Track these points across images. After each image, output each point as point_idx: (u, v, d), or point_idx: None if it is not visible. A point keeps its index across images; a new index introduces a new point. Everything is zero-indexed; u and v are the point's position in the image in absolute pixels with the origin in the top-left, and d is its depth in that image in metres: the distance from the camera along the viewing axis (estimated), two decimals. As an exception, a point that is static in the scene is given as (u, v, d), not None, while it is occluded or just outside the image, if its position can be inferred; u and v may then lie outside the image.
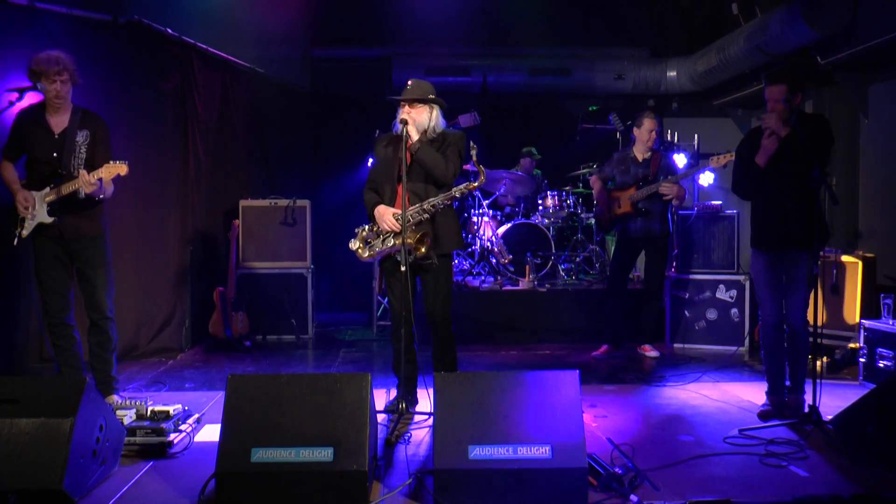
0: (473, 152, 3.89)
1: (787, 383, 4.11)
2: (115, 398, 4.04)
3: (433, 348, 4.12)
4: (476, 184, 3.97)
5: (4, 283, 4.83)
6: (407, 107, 3.93)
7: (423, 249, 3.81)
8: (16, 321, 4.93)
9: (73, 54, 4.02)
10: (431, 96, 3.96)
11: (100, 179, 3.84)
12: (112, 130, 4.15)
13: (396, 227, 3.85)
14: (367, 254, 4.04)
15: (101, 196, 3.97)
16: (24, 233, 3.94)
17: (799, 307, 4.01)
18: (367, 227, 4.08)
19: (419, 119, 3.93)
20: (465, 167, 4.14)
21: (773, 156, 3.93)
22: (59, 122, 3.99)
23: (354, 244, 4.09)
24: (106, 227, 4.16)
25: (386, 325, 6.97)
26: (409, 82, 4.00)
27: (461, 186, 3.95)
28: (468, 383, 3.02)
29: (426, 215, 3.89)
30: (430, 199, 3.90)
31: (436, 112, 4.00)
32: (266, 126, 7.50)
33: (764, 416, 4.02)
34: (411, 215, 3.87)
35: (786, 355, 4.10)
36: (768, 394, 4.15)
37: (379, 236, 3.99)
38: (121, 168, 3.83)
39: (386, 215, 3.91)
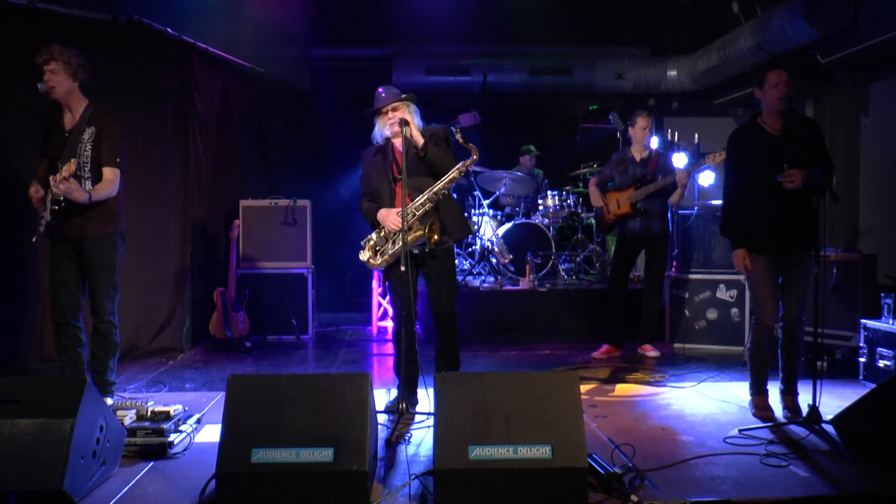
0: (458, 136, 3.91)
1: (781, 386, 4.10)
2: (107, 401, 4.00)
3: (437, 345, 4.13)
4: (471, 161, 3.97)
5: (7, 283, 4.84)
6: (391, 112, 3.95)
7: (436, 237, 3.84)
8: (17, 321, 4.94)
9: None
10: (404, 95, 4.02)
11: (63, 179, 3.72)
12: None
13: (399, 225, 3.87)
14: (379, 261, 4.03)
15: (86, 199, 3.85)
16: (41, 229, 3.92)
17: (798, 307, 4.00)
18: (373, 235, 4.08)
19: (407, 114, 3.96)
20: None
21: (772, 156, 3.91)
22: (70, 119, 3.97)
23: (364, 255, 4.08)
24: (117, 229, 4.08)
25: (386, 325, 6.97)
26: (380, 89, 4.04)
27: (458, 166, 3.93)
28: (468, 383, 3.02)
29: (430, 205, 3.91)
30: (432, 188, 3.91)
31: (413, 108, 4.04)
32: (266, 126, 7.51)
33: (760, 416, 4.02)
34: (415, 208, 3.91)
35: (778, 356, 4.09)
36: (755, 394, 4.12)
37: (388, 240, 4.00)
38: (70, 167, 3.73)
39: (390, 216, 3.93)
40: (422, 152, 3.89)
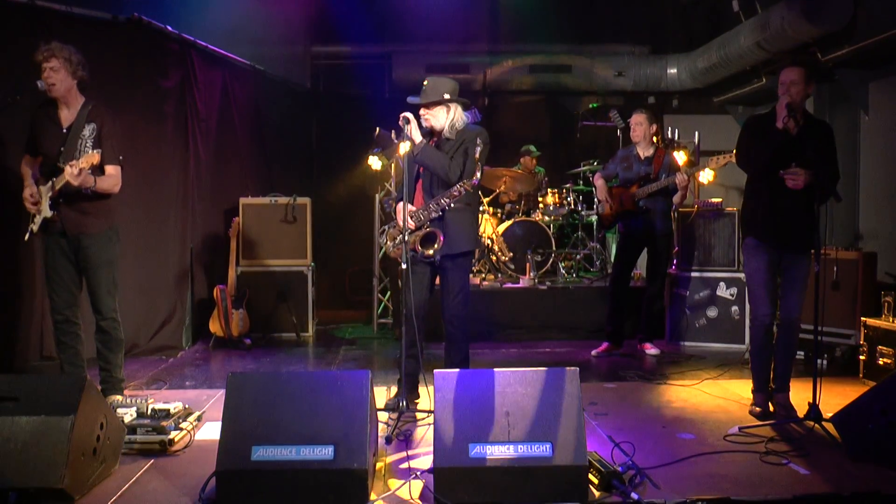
0: (478, 149, 3.86)
1: (772, 385, 4.09)
2: (117, 398, 4.01)
3: (445, 346, 4.17)
4: (469, 183, 3.92)
5: (7, 280, 4.83)
6: (423, 108, 3.93)
7: (428, 251, 3.88)
8: (17, 318, 4.93)
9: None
10: (447, 96, 3.94)
11: (81, 170, 3.72)
12: None
13: (409, 224, 3.90)
14: (394, 250, 4.22)
15: (89, 189, 3.86)
16: (34, 228, 3.92)
17: (797, 308, 3.99)
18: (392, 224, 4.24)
19: (435, 119, 3.95)
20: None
21: (782, 151, 3.86)
22: (68, 116, 3.97)
23: (386, 241, 4.27)
24: (113, 225, 4.10)
25: (386, 322, 6.97)
26: (426, 81, 3.97)
27: (457, 185, 3.94)
28: (468, 381, 3.02)
29: (434, 214, 3.91)
30: (436, 198, 3.91)
31: (454, 110, 3.98)
32: (266, 123, 7.50)
33: (757, 414, 4.02)
34: (421, 214, 3.93)
35: (773, 353, 4.08)
36: (755, 392, 4.13)
37: (401, 234, 4.03)
38: (93, 157, 3.72)
39: (401, 214, 3.95)
40: (414, 152, 3.88)
